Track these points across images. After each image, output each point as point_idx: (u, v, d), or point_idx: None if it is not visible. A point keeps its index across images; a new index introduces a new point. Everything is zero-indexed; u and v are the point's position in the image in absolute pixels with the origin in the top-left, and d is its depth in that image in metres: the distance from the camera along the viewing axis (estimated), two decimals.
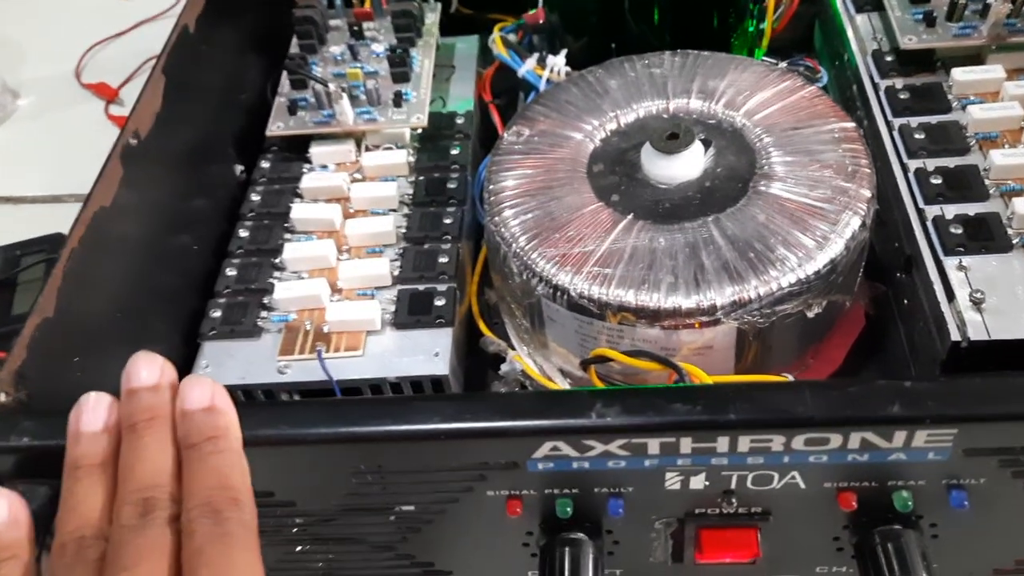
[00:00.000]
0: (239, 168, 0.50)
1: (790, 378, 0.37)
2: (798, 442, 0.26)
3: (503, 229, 0.40)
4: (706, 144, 0.42)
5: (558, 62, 0.50)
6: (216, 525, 0.24)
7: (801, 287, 0.36)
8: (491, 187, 0.42)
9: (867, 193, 0.39)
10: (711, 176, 0.41)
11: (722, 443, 0.26)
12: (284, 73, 0.51)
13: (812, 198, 0.39)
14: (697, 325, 0.36)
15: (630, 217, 0.39)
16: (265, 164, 0.49)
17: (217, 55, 0.49)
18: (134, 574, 0.23)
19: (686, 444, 0.26)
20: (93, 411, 0.27)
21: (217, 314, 0.42)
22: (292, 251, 0.44)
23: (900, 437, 0.26)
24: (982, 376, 0.28)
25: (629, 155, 0.42)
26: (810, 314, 0.37)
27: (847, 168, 0.40)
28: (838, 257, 0.37)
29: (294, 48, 0.52)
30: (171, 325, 0.42)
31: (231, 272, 0.44)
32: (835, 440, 0.26)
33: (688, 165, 0.40)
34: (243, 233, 0.46)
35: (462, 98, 0.53)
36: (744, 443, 0.26)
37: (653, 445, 0.26)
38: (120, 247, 0.39)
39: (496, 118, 0.54)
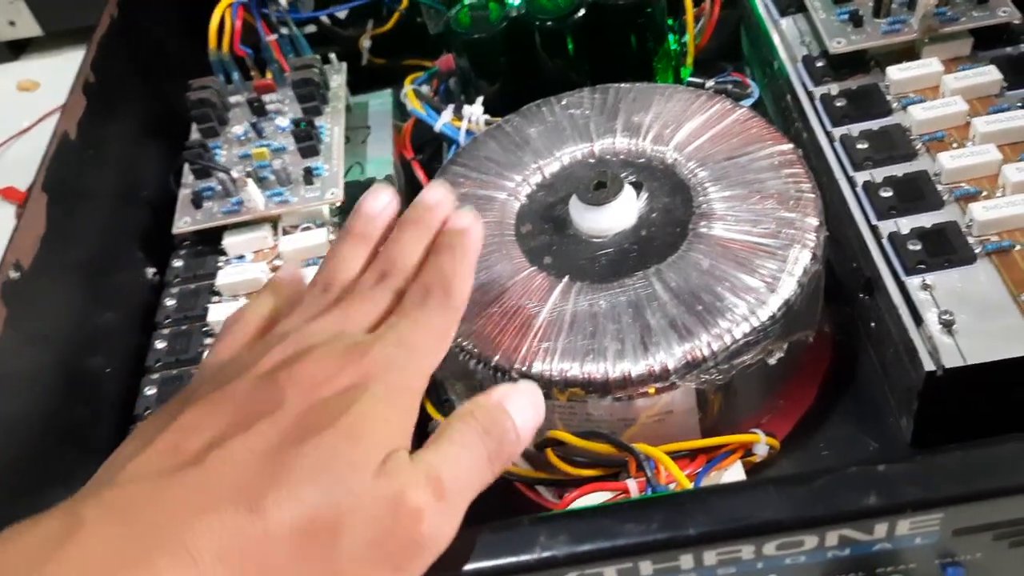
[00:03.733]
0: (151, 271, 0.46)
1: (760, 434, 0.34)
2: (770, 548, 0.23)
3: None
4: (637, 187, 0.39)
5: (475, 112, 0.48)
6: (421, 301, 0.29)
7: (757, 335, 0.33)
8: None
9: (814, 221, 0.36)
10: (646, 223, 0.38)
11: (686, 560, 0.23)
12: (183, 162, 0.47)
13: (756, 235, 0.36)
14: (652, 391, 0.33)
15: (566, 280, 0.36)
16: (178, 263, 0.46)
17: (108, 156, 0.46)
18: (348, 314, 0.29)
19: (646, 567, 0.23)
20: (377, 198, 0.33)
21: None
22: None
23: (881, 529, 0.23)
24: (962, 448, 0.25)
25: (557, 210, 0.39)
26: (772, 361, 0.34)
27: (790, 196, 0.37)
28: (792, 297, 0.34)
29: (194, 134, 0.49)
30: (90, 458, 0.39)
31: (150, 391, 0.41)
32: (810, 541, 0.23)
33: (620, 215, 0.38)
34: (159, 344, 0.42)
35: (382, 159, 0.50)
36: (711, 557, 0.23)
37: (610, 573, 0.23)
38: (12, 388, 0.36)
39: (421, 175, 0.51)
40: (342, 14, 0.58)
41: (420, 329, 0.29)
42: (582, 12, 0.46)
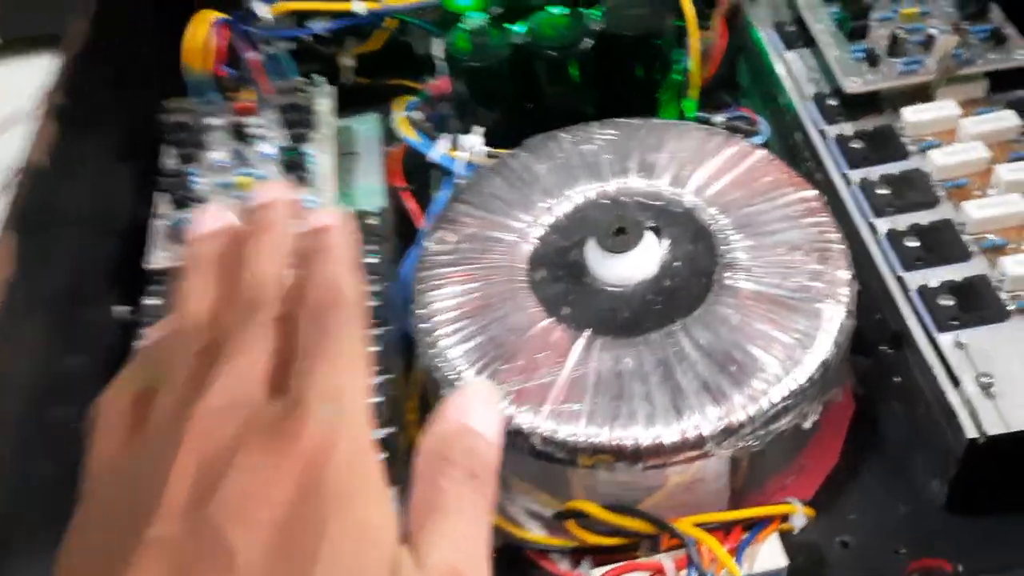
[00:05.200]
0: (122, 308, 0.43)
1: (796, 504, 0.33)
2: None
3: (442, 365, 0.34)
4: (657, 233, 0.37)
5: (474, 142, 0.45)
6: (320, 326, 0.23)
7: (794, 398, 0.32)
8: (421, 311, 0.36)
9: (846, 275, 0.34)
10: (669, 272, 0.36)
11: None
12: (158, 190, 0.44)
13: (786, 288, 0.34)
14: (685, 460, 0.31)
15: (587, 334, 0.34)
16: (152, 300, 0.42)
17: (80, 184, 0.42)
18: (232, 364, 0.22)
19: None
20: (211, 218, 0.26)
21: None
22: None
23: None
24: None
25: (572, 255, 0.37)
26: (807, 424, 0.33)
27: (818, 247, 0.35)
28: (829, 357, 0.32)
29: (169, 160, 0.45)
30: (57, 524, 0.35)
31: None
32: None
33: (642, 263, 0.36)
34: None
35: (371, 190, 0.47)
36: None
37: None
38: None
39: (412, 206, 0.48)
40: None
41: (340, 364, 0.22)
42: (589, 42, 0.43)
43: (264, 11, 0.48)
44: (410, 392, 0.41)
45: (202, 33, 0.46)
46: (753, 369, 0.32)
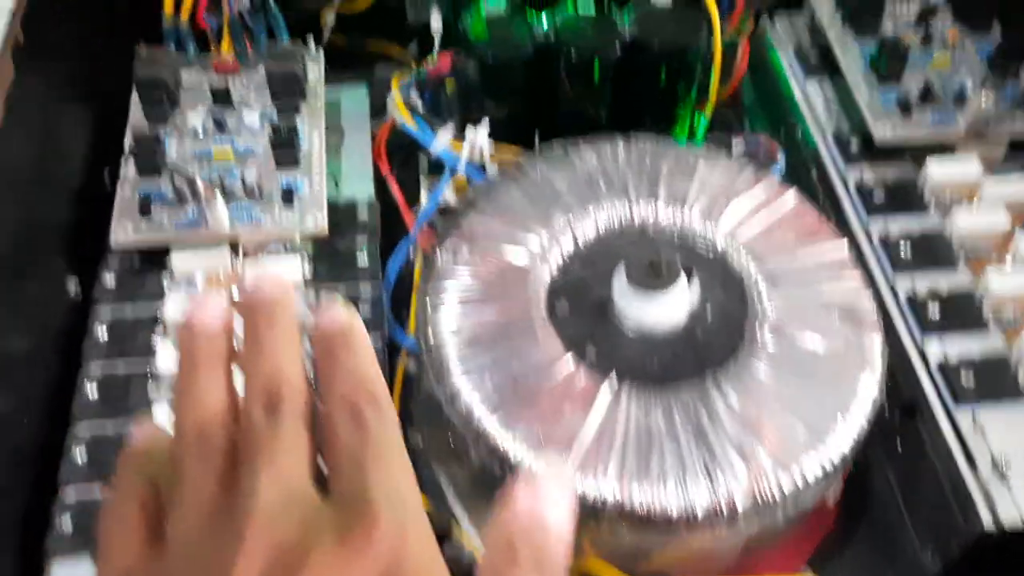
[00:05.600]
0: (72, 284, 0.38)
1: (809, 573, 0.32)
2: None
3: (456, 399, 0.32)
4: (687, 273, 0.35)
5: (480, 138, 0.42)
6: (357, 423, 0.22)
7: (826, 475, 0.31)
8: (430, 332, 0.33)
9: (879, 341, 0.33)
10: (699, 319, 0.34)
11: None
12: (127, 153, 0.39)
13: (822, 352, 0.33)
14: (714, 529, 0.30)
15: (614, 380, 0.32)
16: (109, 278, 0.38)
17: (28, 129, 0.36)
18: (274, 462, 0.21)
19: None
20: (208, 307, 0.24)
21: (67, 526, 0.31)
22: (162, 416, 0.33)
23: None
24: None
25: (598, 290, 0.34)
26: (831, 501, 0.32)
27: (852, 307, 0.34)
28: (861, 434, 0.31)
29: (137, 117, 0.40)
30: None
31: (79, 455, 0.33)
32: None
33: (675, 307, 0.34)
34: (91, 392, 0.34)
35: (359, 174, 0.43)
36: None
37: None
38: None
39: (396, 193, 0.45)
40: None
41: (395, 465, 0.22)
42: (617, 48, 0.41)
43: None
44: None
45: None
46: (789, 441, 0.30)
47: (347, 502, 0.21)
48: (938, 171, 0.40)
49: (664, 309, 0.33)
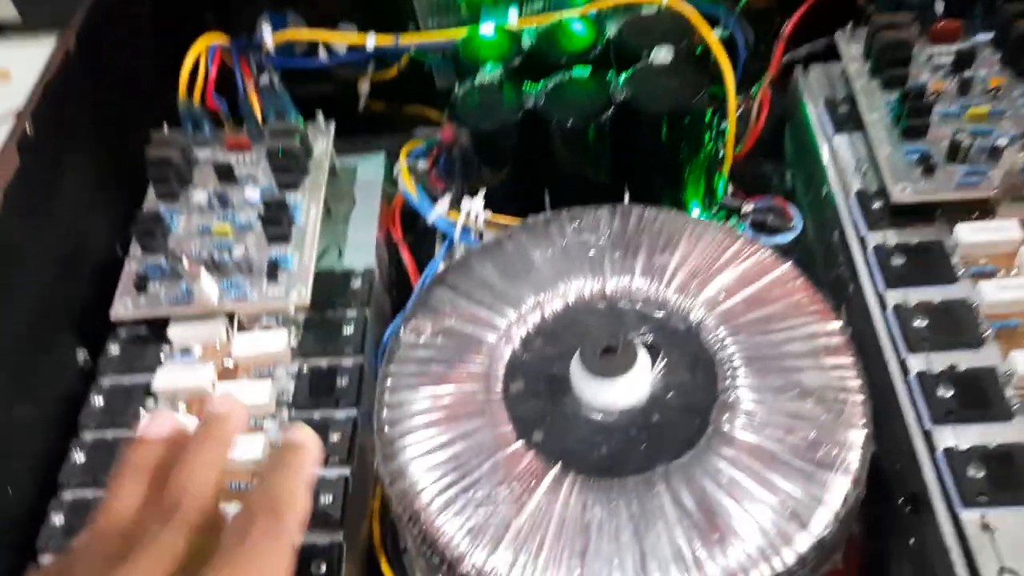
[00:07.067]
0: (81, 355, 0.40)
1: None
2: None
3: (396, 480, 0.31)
4: (652, 353, 0.33)
5: (475, 207, 0.41)
6: (241, 533, 0.24)
7: None
8: (385, 412, 0.33)
9: (860, 437, 0.30)
10: (659, 403, 0.32)
11: None
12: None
13: (790, 446, 0.30)
14: None
15: (558, 469, 0.30)
16: (114, 349, 0.40)
17: (50, 217, 0.39)
18: (133, 566, 0.24)
19: None
20: (160, 422, 0.28)
21: None
22: None
23: None
24: None
25: (556, 367, 0.33)
26: None
27: (834, 397, 0.31)
28: (826, 534, 0.28)
29: (149, 199, 0.42)
30: None
31: (57, 518, 0.35)
32: None
33: (630, 390, 0.32)
34: (78, 457, 0.36)
35: (363, 245, 0.43)
36: None
37: None
38: None
39: (408, 260, 0.45)
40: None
41: (251, 569, 0.24)
42: (609, 112, 0.39)
43: (270, 38, 0.45)
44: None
45: (200, 59, 0.43)
46: (737, 542, 0.28)
47: None
48: (968, 236, 0.36)
49: (619, 393, 0.31)
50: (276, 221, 0.40)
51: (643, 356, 0.32)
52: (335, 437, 0.36)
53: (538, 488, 0.30)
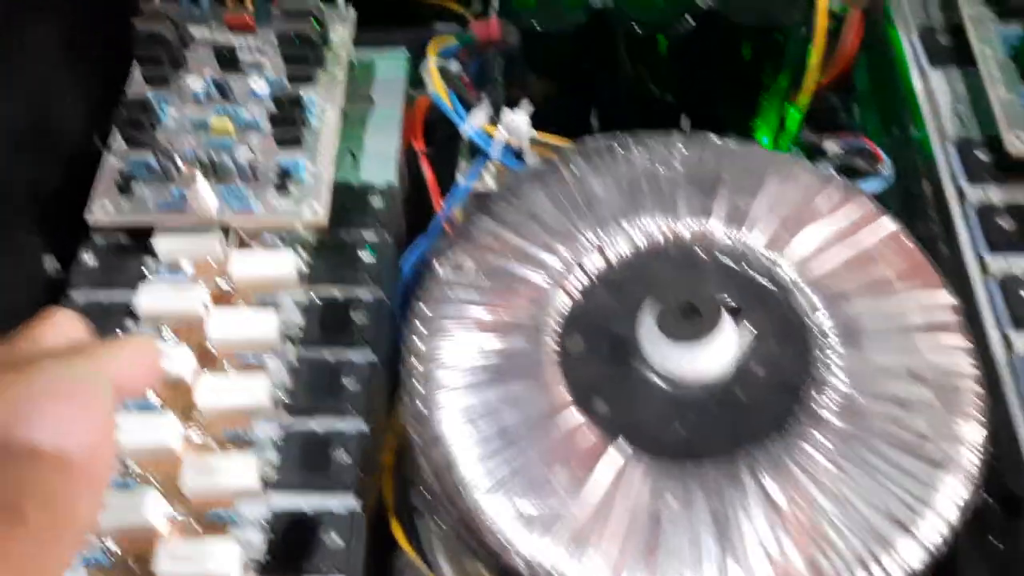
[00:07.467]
0: (50, 262, 0.34)
1: None
2: None
3: (433, 446, 0.26)
4: (735, 315, 0.28)
5: (518, 122, 0.35)
6: None
7: None
8: (417, 362, 0.28)
9: (979, 436, 0.26)
10: (743, 377, 0.27)
11: None
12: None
13: (898, 439, 0.26)
14: None
15: (625, 448, 0.26)
16: (88, 259, 0.34)
17: (9, 97, 0.33)
18: None
19: None
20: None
21: None
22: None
23: None
24: None
25: (621, 325, 0.28)
26: None
27: (948, 383, 0.27)
28: (937, 548, 0.24)
29: (134, 83, 0.36)
30: None
31: None
32: None
33: (712, 361, 0.27)
34: None
35: (383, 155, 0.37)
36: None
37: None
38: None
39: (429, 176, 0.39)
40: None
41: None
42: (690, 22, 0.33)
43: None
44: (393, 429, 0.33)
45: None
46: (836, 556, 0.24)
47: None
48: None
49: (698, 362, 0.27)
50: (289, 121, 0.33)
51: (729, 320, 0.27)
52: (349, 383, 0.31)
53: (600, 470, 0.26)
